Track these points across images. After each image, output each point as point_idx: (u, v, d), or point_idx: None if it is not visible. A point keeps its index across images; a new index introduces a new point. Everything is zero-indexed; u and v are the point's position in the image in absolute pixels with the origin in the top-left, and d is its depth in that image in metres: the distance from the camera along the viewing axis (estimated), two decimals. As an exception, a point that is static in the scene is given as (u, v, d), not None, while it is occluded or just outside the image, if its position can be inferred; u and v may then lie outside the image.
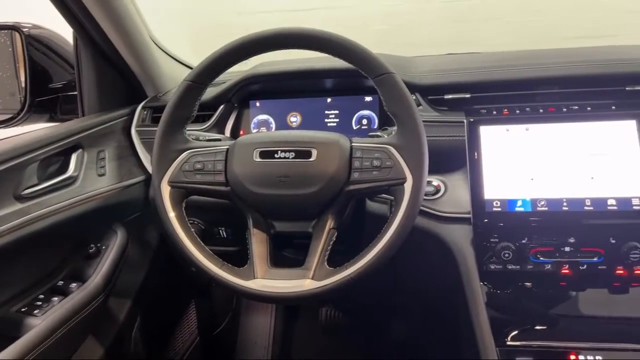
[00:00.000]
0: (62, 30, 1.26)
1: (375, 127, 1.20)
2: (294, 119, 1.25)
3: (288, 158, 0.89)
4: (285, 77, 1.23)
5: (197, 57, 0.98)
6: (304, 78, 1.23)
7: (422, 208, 0.95)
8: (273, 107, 1.26)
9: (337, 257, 0.88)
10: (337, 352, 1.73)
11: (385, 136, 0.93)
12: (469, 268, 0.98)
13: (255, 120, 1.26)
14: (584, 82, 1.07)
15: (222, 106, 1.24)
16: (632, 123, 0.97)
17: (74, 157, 1.10)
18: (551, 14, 2.94)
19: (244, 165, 0.90)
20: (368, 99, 1.21)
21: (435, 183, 1.06)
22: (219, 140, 1.02)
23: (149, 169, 1.23)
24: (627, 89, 1.05)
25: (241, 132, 1.27)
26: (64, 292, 1.07)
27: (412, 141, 0.86)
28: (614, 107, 1.00)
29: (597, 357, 0.88)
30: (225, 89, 1.23)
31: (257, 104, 1.26)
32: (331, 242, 0.89)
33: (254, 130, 1.26)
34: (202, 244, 0.91)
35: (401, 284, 1.34)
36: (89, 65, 1.24)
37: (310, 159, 0.88)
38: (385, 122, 1.17)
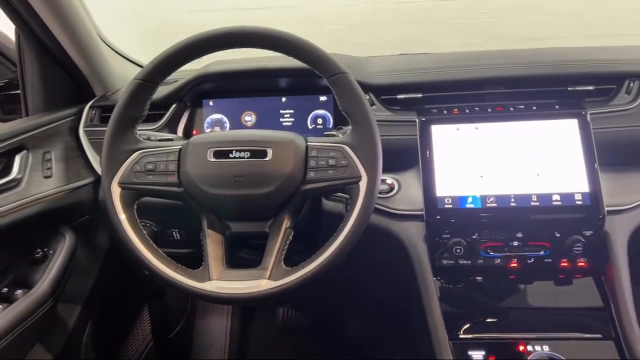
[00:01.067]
0: (3, 25, 1.21)
1: (331, 126, 1.21)
2: (249, 118, 1.24)
3: (243, 158, 0.88)
4: (239, 76, 1.22)
5: (147, 56, 0.96)
6: (258, 77, 1.22)
7: (376, 206, 0.96)
8: (227, 106, 1.24)
9: (294, 257, 0.88)
10: (294, 352, 1.73)
11: (341, 135, 0.94)
12: (422, 264, 1.00)
13: (208, 119, 1.25)
14: (529, 82, 1.11)
15: (174, 105, 1.22)
16: (574, 122, 1.01)
17: (17, 159, 1.06)
18: (498, 16, 3.04)
19: (198, 166, 0.89)
20: (323, 98, 1.21)
21: (389, 181, 1.07)
22: (171, 140, 1.00)
23: (98, 170, 1.19)
24: (569, 89, 1.10)
25: (194, 132, 1.25)
26: (8, 300, 1.02)
27: (367, 140, 0.87)
28: (557, 107, 1.04)
29: (544, 347, 0.92)
30: (177, 88, 1.21)
31: (211, 103, 1.25)
32: (287, 242, 0.89)
33: (208, 130, 1.24)
34: (155, 247, 0.89)
35: (357, 281, 1.35)
36: (32, 63, 1.19)
37: (266, 159, 0.88)
38: (340, 121, 1.18)
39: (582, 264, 0.98)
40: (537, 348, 0.92)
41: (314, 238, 1.04)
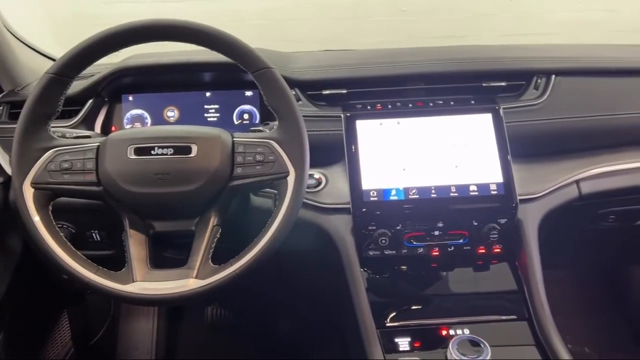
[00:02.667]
0: None
1: (257, 121, 1.20)
2: (171, 113, 1.20)
3: (166, 154, 0.86)
4: (160, 70, 1.18)
5: (61, 49, 0.91)
6: (180, 71, 1.19)
7: (304, 200, 0.97)
8: (148, 101, 1.20)
9: (222, 255, 0.87)
10: (224, 351, 1.70)
11: (267, 131, 0.94)
12: (350, 256, 1.02)
13: (128, 115, 1.20)
14: (447, 79, 1.16)
15: (90, 101, 1.16)
16: (488, 116, 1.07)
17: None
18: (417, 14, 3.15)
19: (118, 163, 0.85)
20: (248, 93, 1.20)
21: (316, 176, 1.08)
22: (88, 137, 0.95)
23: (8, 170, 1.11)
24: (483, 85, 1.16)
25: (113, 129, 1.19)
26: None
27: (294, 135, 0.87)
28: (473, 102, 1.10)
29: (465, 330, 0.97)
30: (93, 83, 1.15)
31: (130, 99, 1.20)
32: (215, 240, 0.87)
33: (128, 126, 1.19)
34: (73, 249, 0.85)
35: (287, 276, 1.35)
36: None
37: (191, 155, 0.86)
38: (266, 116, 1.17)
39: (498, 250, 1.05)
40: (459, 332, 0.96)
41: (242, 235, 1.03)
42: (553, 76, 1.15)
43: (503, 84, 1.16)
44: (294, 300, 1.63)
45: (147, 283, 0.83)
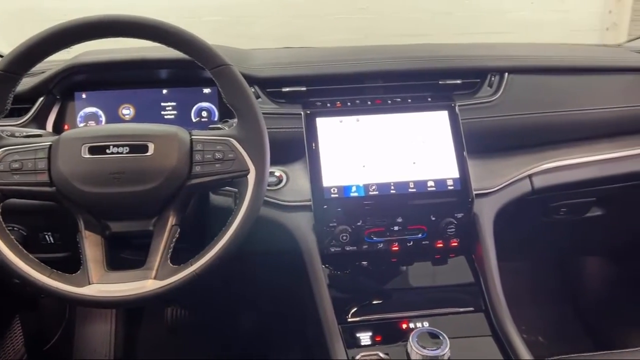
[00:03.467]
0: None
1: (216, 119, 1.19)
2: (127, 111, 1.18)
3: (122, 153, 0.84)
4: (115, 67, 1.15)
5: (8, 45, 0.87)
6: (135, 68, 1.16)
7: (265, 198, 0.96)
8: (102, 99, 1.17)
9: (182, 255, 0.86)
10: (185, 352, 1.68)
11: (227, 128, 0.93)
12: (311, 252, 1.03)
13: (81, 113, 1.16)
14: (404, 77, 1.18)
15: (41, 98, 1.12)
16: (445, 113, 1.09)
17: None
18: (376, 12, 3.18)
19: (71, 163, 0.83)
20: (207, 90, 1.19)
21: (277, 173, 1.08)
22: (40, 136, 0.92)
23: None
24: (439, 82, 1.18)
25: (65, 127, 1.16)
26: None
27: (253, 133, 0.87)
28: (429, 99, 1.12)
29: (424, 323, 0.99)
30: (44, 80, 1.11)
31: (83, 96, 1.16)
32: (174, 239, 0.86)
33: (81, 125, 1.16)
34: (25, 252, 0.82)
35: (248, 275, 1.35)
36: None
37: (147, 154, 0.84)
38: (225, 114, 1.16)
39: (455, 244, 1.07)
40: (419, 325, 0.98)
41: (202, 234, 1.02)
42: (506, 74, 1.19)
43: (458, 81, 1.18)
44: (256, 298, 1.63)
45: (103, 285, 0.81)
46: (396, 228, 1.05)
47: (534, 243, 1.51)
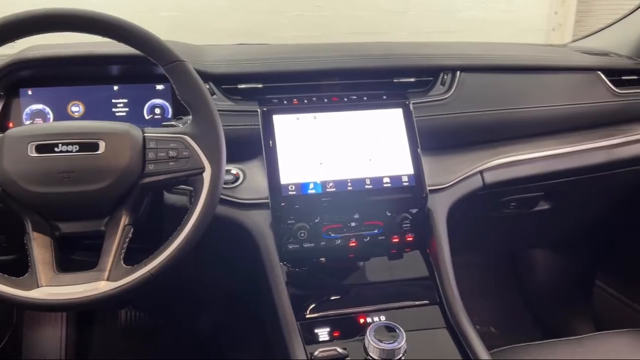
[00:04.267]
0: None
1: (170, 116, 1.16)
2: (76, 108, 1.14)
3: (71, 152, 0.81)
4: (63, 62, 1.11)
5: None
6: (85, 64, 1.12)
7: (222, 196, 0.96)
8: (49, 95, 1.12)
9: (136, 255, 0.84)
10: (141, 355, 1.65)
11: (181, 126, 0.91)
12: (269, 250, 1.02)
13: (27, 110, 1.12)
14: (360, 74, 1.19)
15: (-17, 95, 1.07)
16: (399, 111, 1.11)
17: None
18: (332, 10, 3.20)
19: (17, 162, 0.79)
20: (160, 87, 1.16)
21: (234, 171, 1.07)
22: None
23: None
24: (394, 80, 1.19)
25: (10, 125, 1.11)
26: None
27: (209, 130, 0.85)
28: (385, 97, 1.13)
29: (381, 317, 1.00)
30: (-15, 76, 1.07)
31: (29, 93, 1.12)
32: (127, 240, 0.84)
33: (27, 122, 1.11)
34: None
35: (206, 275, 1.33)
36: None
37: (98, 152, 0.82)
38: (179, 111, 1.14)
39: (410, 238, 1.09)
40: (376, 319, 1.00)
41: (156, 234, 1.00)
42: (458, 72, 1.21)
43: (412, 79, 1.20)
44: (213, 298, 1.61)
45: (53, 288, 0.78)
46: (353, 224, 1.06)
47: (486, 237, 1.56)
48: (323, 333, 0.97)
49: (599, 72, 1.35)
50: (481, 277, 1.93)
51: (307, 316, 1.00)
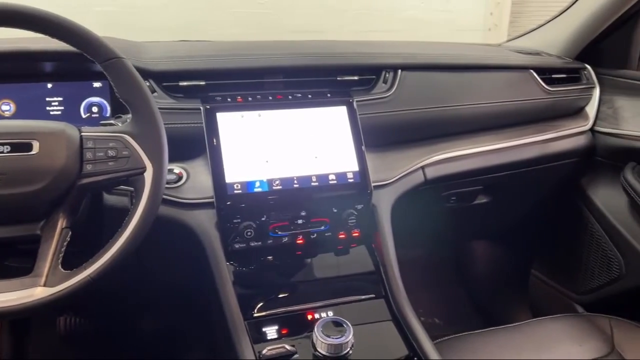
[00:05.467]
0: None
1: (108, 115, 1.12)
2: (6, 107, 1.08)
3: (2, 152, 0.77)
4: (-9, 58, 1.05)
5: None
6: (15, 61, 1.07)
7: (164, 197, 0.94)
8: (-23, 93, 1.06)
9: (75, 259, 0.81)
10: (82, 362, 1.59)
11: (120, 124, 0.89)
12: (215, 250, 1.01)
13: (-48, 109, 1.05)
14: (304, 72, 1.19)
15: None
16: (343, 108, 1.12)
17: None
18: (275, 7, 3.19)
19: None
20: (97, 84, 1.12)
21: (176, 171, 1.05)
22: None
23: None
24: (338, 78, 1.21)
25: None
26: None
27: (149, 129, 0.83)
28: (329, 95, 1.14)
29: (329, 313, 1.01)
30: None
31: (-46, 90, 1.05)
32: (65, 243, 0.80)
33: (-48, 122, 1.05)
34: None
35: (150, 277, 1.30)
36: None
37: (32, 153, 0.78)
38: (118, 109, 1.10)
39: (356, 234, 1.11)
40: (323, 315, 1.01)
41: (96, 236, 0.97)
42: (399, 71, 1.24)
43: (355, 78, 1.22)
44: (157, 300, 1.57)
45: None
46: (300, 221, 1.06)
47: (428, 230, 1.60)
48: (271, 331, 0.97)
49: (532, 71, 1.41)
50: (425, 270, 1.98)
51: (255, 315, 1.00)
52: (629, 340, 1.22)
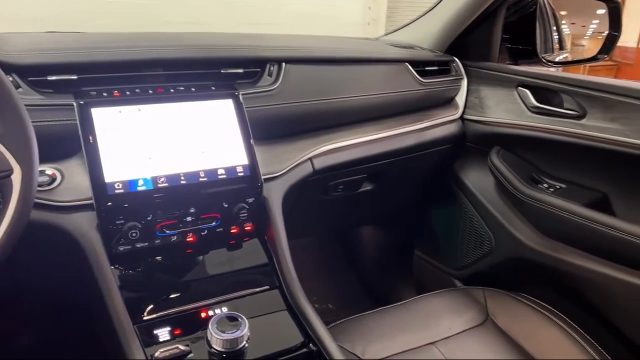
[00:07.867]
0: None
1: (-36, 113, 1.01)
2: None
3: None
4: None
5: None
6: None
7: (37, 200, 0.87)
8: None
9: None
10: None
11: (-21, 124, 0.80)
12: (97, 254, 0.96)
13: None
14: (186, 65, 1.16)
15: None
16: (229, 102, 1.11)
17: None
18: (153, -2, 3.05)
19: None
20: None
21: (49, 172, 0.98)
22: None
23: None
24: (222, 71, 1.19)
25: None
26: None
27: (15, 128, 0.77)
28: (213, 88, 1.12)
29: (223, 308, 1.00)
30: None
31: None
32: None
33: None
34: None
35: (26, 288, 1.20)
36: None
37: None
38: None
39: (249, 228, 1.11)
40: (218, 311, 0.99)
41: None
42: (284, 64, 1.25)
43: (240, 70, 1.21)
44: (38, 310, 1.45)
45: None
46: (189, 219, 1.04)
47: (319, 219, 1.65)
48: (163, 333, 0.94)
49: (407, 64, 1.50)
50: (317, 258, 2.04)
51: (145, 318, 0.96)
52: (501, 308, 1.35)
